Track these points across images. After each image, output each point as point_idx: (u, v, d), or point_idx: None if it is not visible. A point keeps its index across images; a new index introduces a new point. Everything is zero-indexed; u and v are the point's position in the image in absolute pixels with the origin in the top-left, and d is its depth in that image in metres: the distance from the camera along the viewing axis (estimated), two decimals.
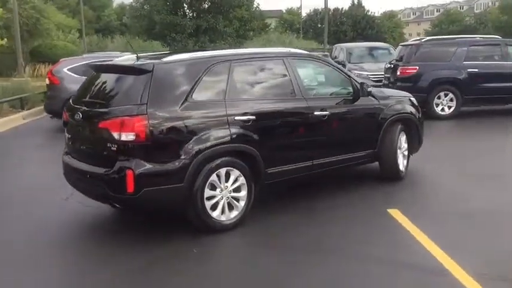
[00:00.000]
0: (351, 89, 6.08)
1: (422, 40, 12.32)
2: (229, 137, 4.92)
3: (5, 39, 22.02)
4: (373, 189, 6.27)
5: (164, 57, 5.13)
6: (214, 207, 4.90)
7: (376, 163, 6.51)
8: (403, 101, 6.80)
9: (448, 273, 4.02)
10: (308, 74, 6.04)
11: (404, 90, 11.47)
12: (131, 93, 4.68)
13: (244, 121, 5.04)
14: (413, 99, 7.03)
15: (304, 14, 63.29)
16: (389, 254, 4.45)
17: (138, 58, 5.05)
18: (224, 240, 4.83)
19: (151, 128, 4.53)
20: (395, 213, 5.39)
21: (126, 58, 5.19)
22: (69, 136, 5.30)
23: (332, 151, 5.87)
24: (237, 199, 5.06)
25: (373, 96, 6.26)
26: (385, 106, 6.38)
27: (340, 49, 16.43)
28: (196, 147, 4.71)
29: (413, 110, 6.82)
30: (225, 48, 14.44)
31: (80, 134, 5.09)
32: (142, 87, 4.63)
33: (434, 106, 11.58)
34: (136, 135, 4.49)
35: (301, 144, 5.60)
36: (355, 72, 14.55)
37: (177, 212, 4.93)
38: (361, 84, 6.07)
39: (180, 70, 4.91)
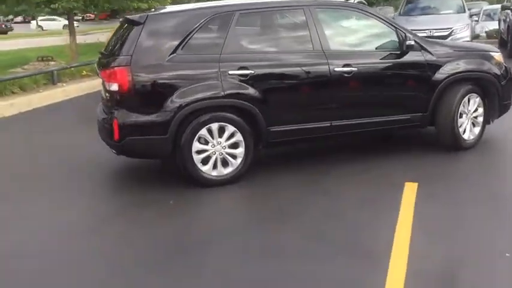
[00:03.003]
0: (395, 43, 5.32)
1: None
2: (220, 92, 4.79)
3: None
4: (413, 157, 5.49)
5: (169, 8, 5.16)
6: (205, 161, 4.89)
7: None
8: (477, 56, 5.67)
9: (384, 265, 3.41)
10: (339, 25, 5.44)
11: None
12: (125, 45, 4.83)
13: (240, 76, 4.84)
14: (496, 54, 5.81)
15: None
16: (352, 232, 3.94)
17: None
18: (206, 196, 4.79)
19: (134, 79, 4.65)
20: (410, 187, 4.68)
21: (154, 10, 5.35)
22: None
23: (360, 112, 5.29)
24: (233, 156, 4.95)
25: (427, 51, 5.37)
26: (444, 62, 5.41)
27: None
28: (182, 101, 4.71)
29: (492, 68, 5.65)
30: None
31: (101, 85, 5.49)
32: (133, 39, 4.76)
33: None
34: (120, 86, 4.68)
35: (315, 103, 5.16)
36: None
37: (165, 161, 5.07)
38: (405, 36, 5.24)
39: (174, 22, 4.89)
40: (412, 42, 5.22)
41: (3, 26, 41.98)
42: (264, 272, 3.40)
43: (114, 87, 4.72)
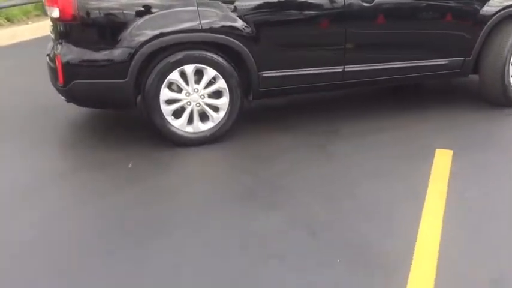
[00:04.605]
0: None
1: None
2: (197, 24, 3.65)
3: None
4: (448, 115, 4.33)
5: None
6: (178, 114, 3.81)
7: None
8: None
9: (400, 280, 2.35)
10: None
11: None
12: None
13: (224, 2, 3.68)
14: None
15: None
16: (356, 223, 2.84)
17: None
18: (176, 159, 3.74)
19: (80, 3, 3.55)
20: (442, 155, 3.57)
21: None
22: None
23: (382, 56, 4.12)
24: (215, 108, 3.86)
25: None
26: None
27: None
28: (145, 33, 3.60)
29: None
30: None
31: None
32: None
33: None
34: (62, 12, 3.59)
35: (323, 43, 4.01)
36: None
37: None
38: None
39: None
40: None
41: None
42: (223, 277, 2.38)
43: (55, 13, 3.62)
